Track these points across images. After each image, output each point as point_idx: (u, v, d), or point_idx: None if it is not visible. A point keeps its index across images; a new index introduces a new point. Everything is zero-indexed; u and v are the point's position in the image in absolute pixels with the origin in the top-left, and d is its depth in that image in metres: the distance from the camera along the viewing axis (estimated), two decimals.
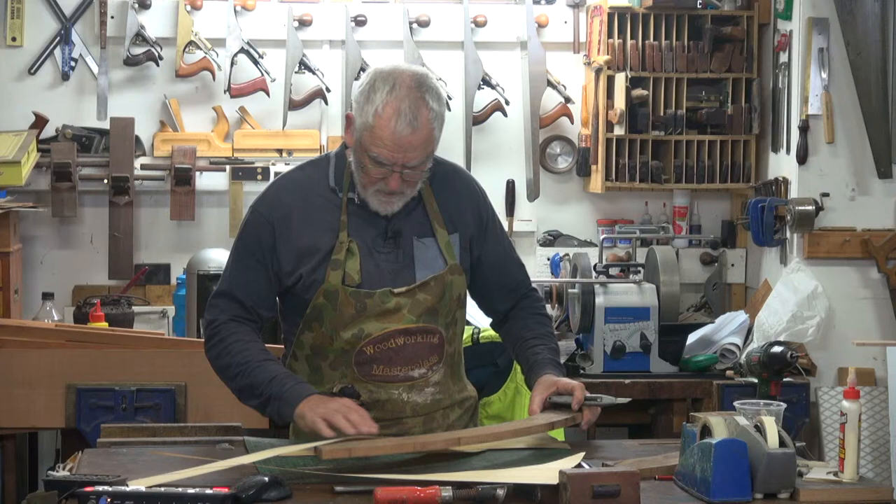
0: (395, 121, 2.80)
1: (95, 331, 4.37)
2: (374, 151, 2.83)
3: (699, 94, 5.14)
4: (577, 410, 2.90)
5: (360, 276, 2.90)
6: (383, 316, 2.92)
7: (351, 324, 2.91)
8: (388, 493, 2.41)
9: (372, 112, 2.82)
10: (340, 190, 2.95)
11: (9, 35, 5.10)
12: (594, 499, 2.38)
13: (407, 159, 2.85)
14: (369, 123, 2.82)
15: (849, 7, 4.66)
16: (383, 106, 2.81)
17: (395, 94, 2.81)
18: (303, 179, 2.99)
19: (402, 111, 2.81)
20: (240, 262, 2.97)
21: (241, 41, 5.08)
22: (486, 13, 5.24)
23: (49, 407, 4.15)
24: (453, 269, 2.99)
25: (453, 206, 3.03)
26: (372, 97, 2.83)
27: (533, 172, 5.23)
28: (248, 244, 2.96)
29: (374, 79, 2.85)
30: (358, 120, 2.85)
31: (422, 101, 2.83)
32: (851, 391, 2.64)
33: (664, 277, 4.57)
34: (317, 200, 2.94)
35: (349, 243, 2.91)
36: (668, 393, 4.51)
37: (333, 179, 2.96)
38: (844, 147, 4.74)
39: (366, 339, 2.91)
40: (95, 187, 5.11)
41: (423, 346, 2.97)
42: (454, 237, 3.02)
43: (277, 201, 2.96)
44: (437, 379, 3.00)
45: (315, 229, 2.92)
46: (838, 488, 2.58)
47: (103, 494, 2.36)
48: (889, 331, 4.70)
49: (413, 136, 2.82)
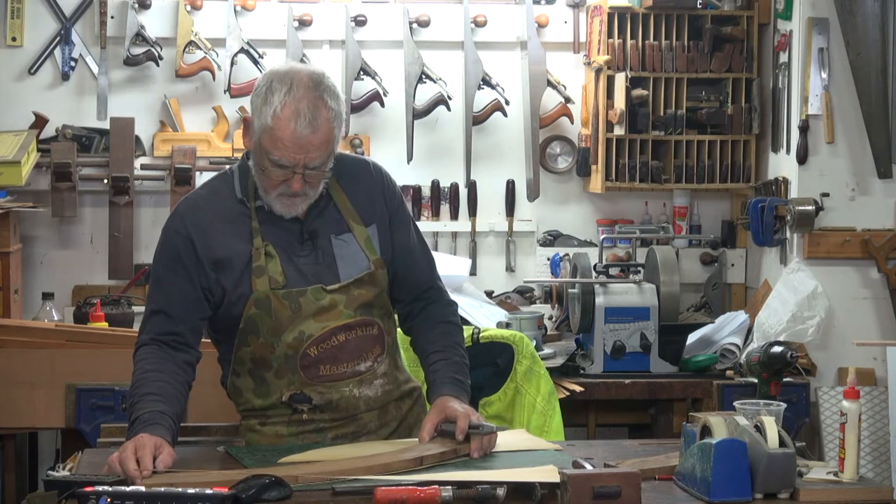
0: (294, 122, 2.78)
1: (95, 331, 4.37)
2: (274, 154, 2.81)
3: (699, 94, 5.14)
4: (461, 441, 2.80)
5: (283, 278, 2.89)
6: (320, 314, 2.91)
7: (290, 327, 2.90)
8: (388, 493, 2.41)
9: (270, 113, 2.79)
10: (248, 199, 2.93)
11: (9, 35, 5.10)
12: (595, 499, 2.38)
13: (308, 160, 2.83)
14: (268, 125, 2.80)
15: (849, 7, 4.66)
16: (281, 107, 2.79)
17: (293, 94, 2.79)
18: (210, 195, 2.97)
19: (301, 111, 2.79)
20: (163, 279, 2.93)
21: (241, 41, 5.08)
22: (486, 13, 5.24)
23: (49, 407, 4.15)
24: (377, 263, 2.98)
25: (365, 199, 3.01)
26: (269, 98, 2.80)
27: (533, 172, 5.23)
28: (169, 263, 2.92)
29: (270, 80, 2.83)
30: (256, 122, 2.83)
31: (320, 100, 2.81)
32: (851, 391, 2.64)
33: (664, 277, 4.57)
34: (227, 213, 2.93)
35: (265, 247, 2.89)
36: (668, 393, 4.51)
37: (240, 190, 2.94)
38: (844, 147, 4.74)
39: (308, 340, 2.90)
40: (95, 187, 5.11)
41: (365, 339, 2.97)
42: (371, 229, 3.00)
43: (190, 217, 2.92)
44: (383, 370, 3.00)
45: (229, 241, 2.90)
46: (838, 488, 2.58)
47: (103, 494, 2.36)
48: (889, 331, 4.70)
49: (313, 137, 2.80)
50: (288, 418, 2.96)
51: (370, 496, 2.43)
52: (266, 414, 2.98)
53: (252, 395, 2.98)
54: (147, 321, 2.93)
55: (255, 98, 2.85)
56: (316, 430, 2.96)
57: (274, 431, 2.96)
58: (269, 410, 2.97)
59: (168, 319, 2.90)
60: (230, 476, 2.56)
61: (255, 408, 2.99)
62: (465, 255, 5.26)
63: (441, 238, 5.27)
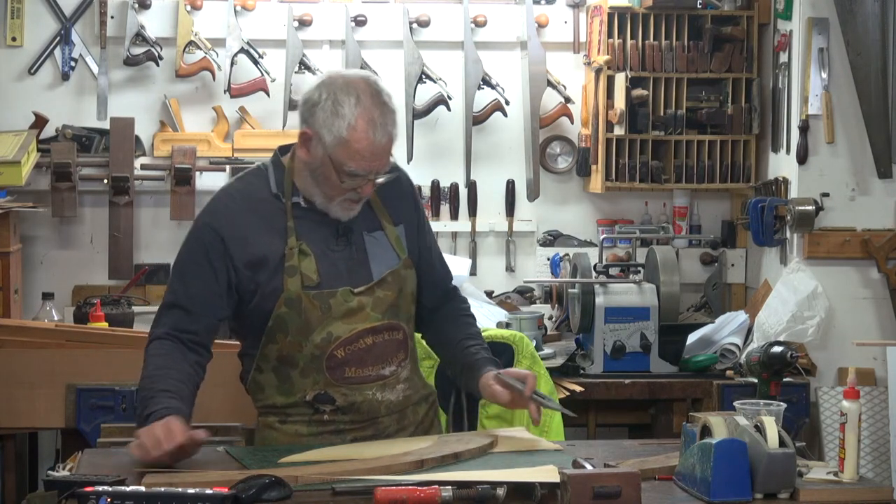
0: (370, 132, 2.81)
1: (95, 331, 4.37)
2: (350, 165, 2.83)
3: (699, 94, 5.14)
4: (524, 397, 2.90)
5: (317, 276, 2.90)
6: (349, 316, 2.92)
7: (319, 327, 2.90)
8: (388, 493, 2.41)
9: (344, 126, 2.81)
10: (283, 195, 2.94)
11: (9, 35, 5.10)
12: (595, 499, 2.38)
13: (381, 166, 2.87)
14: (343, 138, 2.81)
15: (849, 7, 4.66)
16: (356, 119, 2.81)
17: (363, 105, 2.81)
18: (245, 189, 2.98)
19: (375, 121, 2.82)
20: (187, 273, 2.93)
21: (241, 41, 5.08)
22: (486, 13, 5.24)
23: (49, 407, 4.15)
24: (406, 263, 3.01)
25: (395, 199, 3.03)
26: (339, 111, 2.81)
27: (533, 172, 5.23)
28: (195, 257, 2.92)
29: (332, 92, 2.83)
30: (327, 137, 2.83)
31: (385, 106, 2.85)
32: (851, 391, 2.64)
33: (664, 277, 4.57)
34: (262, 208, 2.93)
35: (299, 246, 2.90)
36: (668, 393, 4.51)
37: (275, 186, 2.95)
38: (844, 147, 4.74)
39: (336, 341, 2.91)
40: (95, 187, 5.11)
41: (391, 344, 2.98)
42: (400, 229, 3.03)
43: (224, 214, 2.93)
44: (405, 375, 3.02)
45: (264, 237, 2.91)
46: (838, 488, 2.58)
47: (103, 494, 2.36)
48: (889, 331, 4.70)
49: (387, 143, 2.85)
50: (309, 418, 2.96)
51: (370, 496, 2.43)
52: (286, 412, 2.97)
53: (274, 392, 2.98)
54: (164, 313, 2.93)
55: (318, 111, 2.83)
56: (335, 432, 2.96)
57: (293, 430, 2.96)
58: (290, 409, 2.97)
59: (186, 315, 2.90)
60: (230, 476, 2.56)
61: (275, 405, 2.98)
62: (465, 255, 5.26)
63: (441, 238, 5.26)
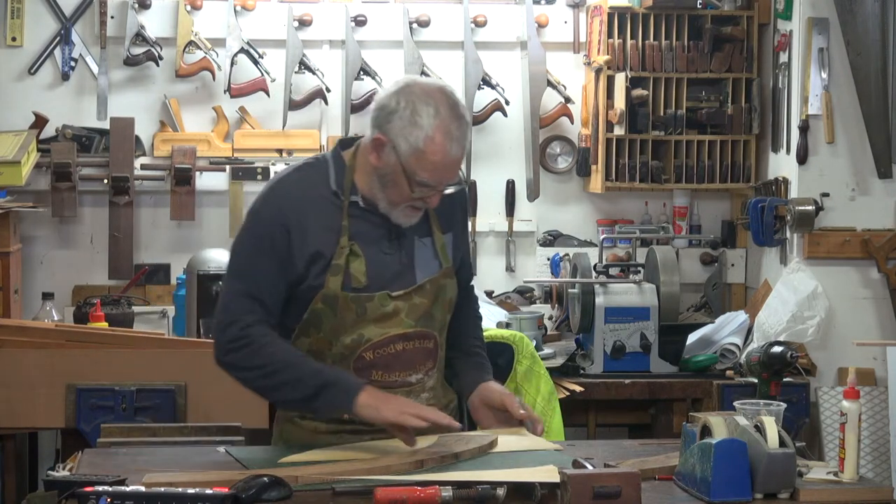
0: (448, 145, 2.79)
1: (95, 331, 4.37)
2: (423, 176, 2.81)
3: (699, 94, 5.14)
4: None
5: (366, 279, 2.88)
6: (383, 320, 2.90)
7: (351, 329, 2.89)
8: (388, 493, 2.41)
9: (422, 137, 2.78)
10: (342, 193, 2.92)
11: (9, 35, 5.10)
12: (595, 499, 2.38)
13: (452, 178, 2.87)
14: (419, 149, 2.79)
15: (849, 7, 4.66)
16: (433, 131, 2.78)
17: (441, 116, 2.79)
18: (305, 182, 2.94)
19: (453, 134, 2.80)
20: (255, 262, 2.89)
21: (241, 41, 5.08)
22: (486, 13, 5.24)
23: (49, 407, 4.14)
24: (447, 272, 2.99)
25: (449, 207, 3.01)
26: (417, 121, 2.78)
27: (533, 172, 5.23)
28: (262, 245, 2.88)
29: (410, 101, 2.80)
30: (402, 145, 2.79)
31: (462, 119, 2.83)
32: (851, 391, 2.64)
33: (664, 277, 4.57)
34: (320, 204, 2.90)
35: (350, 246, 2.88)
36: (668, 393, 4.51)
37: (335, 182, 2.93)
38: (844, 147, 4.74)
39: (366, 343, 2.90)
40: (95, 187, 5.11)
41: (421, 352, 2.96)
42: (448, 237, 3.01)
43: (288, 207, 2.90)
44: (431, 384, 2.99)
45: (321, 233, 2.88)
46: (838, 488, 2.58)
47: (103, 494, 2.36)
48: (889, 331, 4.70)
49: (461, 156, 2.85)
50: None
51: (370, 496, 2.43)
52: None
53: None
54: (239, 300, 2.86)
55: (394, 119, 2.80)
56: (353, 432, 2.93)
57: (312, 426, 2.95)
58: None
59: (262, 307, 2.87)
60: (230, 476, 2.56)
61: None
62: None
63: None
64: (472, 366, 3.07)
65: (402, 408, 2.76)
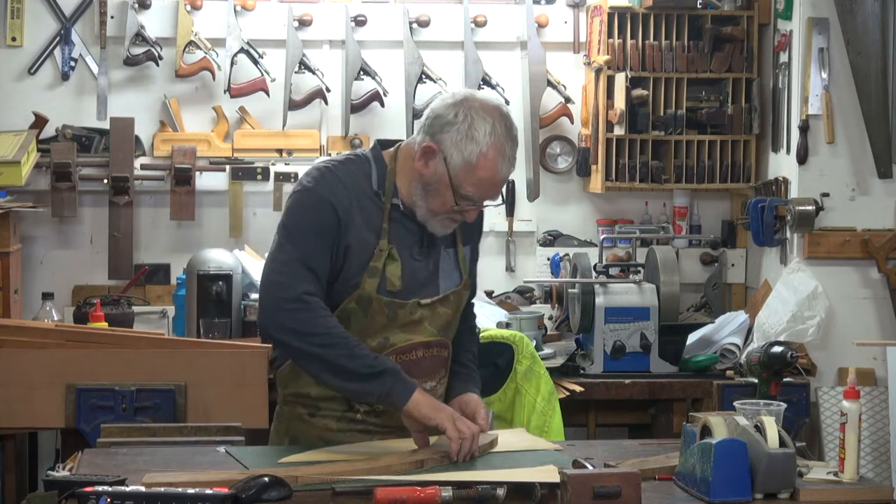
0: (499, 163, 2.81)
1: (95, 331, 4.37)
2: (469, 190, 2.82)
3: (699, 94, 5.14)
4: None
5: (400, 283, 2.88)
6: (408, 327, 2.92)
7: (379, 332, 2.90)
8: (388, 493, 2.41)
9: (476, 152, 2.79)
10: (383, 195, 2.91)
11: (9, 35, 5.10)
12: (595, 499, 2.38)
13: (495, 195, 2.90)
14: (472, 163, 2.80)
15: (849, 7, 4.66)
16: (488, 147, 2.80)
17: (497, 134, 2.80)
18: (350, 175, 2.91)
19: (505, 154, 2.82)
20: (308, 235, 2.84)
21: (241, 41, 5.08)
22: (486, 13, 5.24)
23: (49, 407, 4.14)
24: (465, 284, 3.02)
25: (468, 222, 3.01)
26: (474, 136, 2.79)
27: (533, 172, 5.23)
28: (313, 222, 2.84)
29: (468, 115, 2.81)
30: (455, 157, 2.80)
31: (515, 140, 2.85)
32: (851, 391, 2.64)
33: (664, 277, 4.57)
34: (363, 201, 2.89)
35: (390, 250, 2.88)
36: (668, 393, 4.51)
37: (377, 182, 2.92)
38: (844, 147, 4.74)
39: (390, 348, 2.91)
40: (95, 187, 5.11)
41: (437, 360, 2.98)
42: (466, 250, 3.04)
43: (338, 188, 2.87)
44: (441, 391, 3.01)
45: (361, 230, 2.88)
46: (838, 488, 2.58)
47: (103, 494, 2.36)
48: (889, 331, 4.70)
49: (508, 176, 2.87)
50: (341, 414, 2.94)
51: (370, 496, 2.43)
52: (318, 405, 2.95)
53: (313, 381, 2.93)
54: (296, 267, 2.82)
55: (451, 130, 2.81)
56: (363, 431, 2.95)
57: (323, 424, 2.95)
58: (323, 402, 2.94)
59: (317, 280, 2.84)
60: (230, 476, 2.56)
61: (308, 395, 2.96)
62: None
63: None
64: (462, 377, 3.06)
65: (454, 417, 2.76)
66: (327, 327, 2.80)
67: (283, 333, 2.82)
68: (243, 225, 5.11)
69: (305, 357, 2.83)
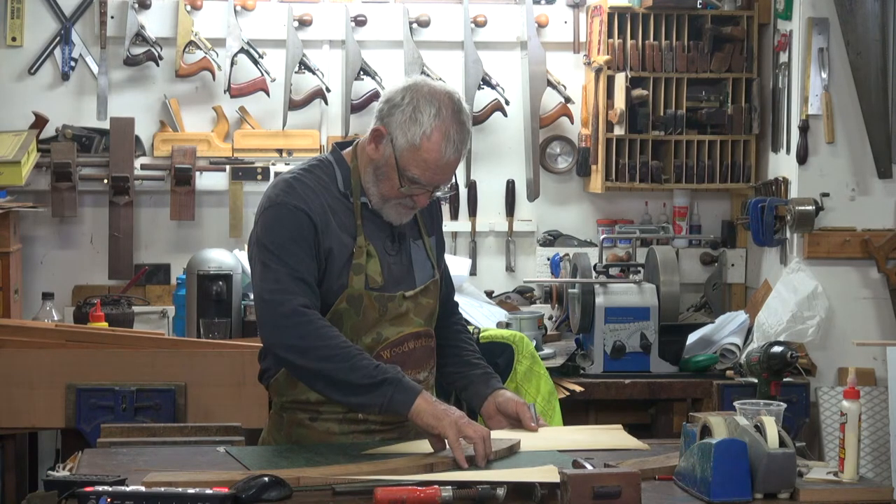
0: (443, 145, 2.82)
1: (95, 331, 4.37)
2: (414, 173, 2.84)
3: (699, 94, 5.14)
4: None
5: (381, 278, 2.91)
6: (397, 320, 2.94)
7: (371, 328, 2.92)
8: (388, 493, 2.41)
9: (419, 134, 2.81)
10: (352, 195, 2.93)
11: (9, 35, 5.10)
12: (595, 499, 2.38)
13: (444, 181, 2.89)
14: (415, 145, 2.82)
15: (849, 7, 4.66)
16: (432, 130, 2.81)
17: (442, 117, 2.82)
18: (318, 181, 2.94)
19: (451, 137, 2.82)
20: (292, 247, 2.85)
21: (241, 41, 5.08)
22: (486, 13, 5.24)
23: (49, 407, 4.14)
24: (438, 273, 3.05)
25: (429, 212, 3.07)
26: (418, 118, 2.81)
27: (533, 172, 5.23)
28: (293, 233, 2.85)
29: (415, 98, 2.83)
30: (400, 139, 2.83)
31: (464, 125, 2.86)
32: (851, 391, 2.64)
33: (664, 277, 4.57)
34: (333, 204, 2.92)
35: (367, 246, 2.90)
36: (668, 393, 4.51)
37: (342, 184, 2.94)
38: (844, 147, 4.74)
39: (384, 343, 2.92)
40: (95, 187, 5.11)
41: (427, 350, 3.01)
42: (432, 240, 3.07)
43: (310, 199, 2.89)
44: (432, 382, 3.04)
45: (337, 232, 2.90)
46: (838, 488, 2.58)
47: (103, 494, 2.36)
48: (889, 331, 4.70)
49: (455, 161, 2.86)
50: (342, 416, 2.94)
51: (370, 496, 2.43)
52: (318, 409, 2.95)
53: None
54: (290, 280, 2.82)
55: (397, 112, 2.83)
56: (366, 432, 2.96)
57: (325, 428, 2.95)
58: (323, 406, 2.94)
59: (311, 291, 2.85)
60: (230, 476, 2.56)
61: (308, 401, 2.95)
62: (465, 255, 5.26)
63: None
64: (481, 377, 3.09)
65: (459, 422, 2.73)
66: (326, 338, 2.81)
67: (287, 351, 2.83)
68: (243, 225, 5.11)
69: (310, 375, 2.84)
